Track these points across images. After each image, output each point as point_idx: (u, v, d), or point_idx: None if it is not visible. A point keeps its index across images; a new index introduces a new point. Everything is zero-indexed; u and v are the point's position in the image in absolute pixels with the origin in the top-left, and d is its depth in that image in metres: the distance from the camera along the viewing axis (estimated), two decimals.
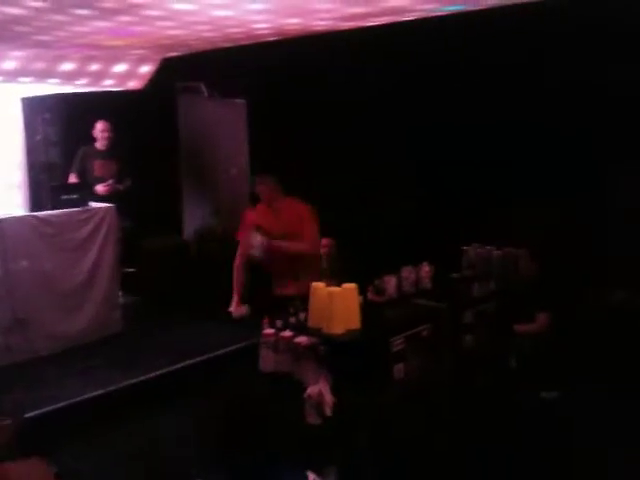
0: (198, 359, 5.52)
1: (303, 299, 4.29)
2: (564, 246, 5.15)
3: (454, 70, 5.62)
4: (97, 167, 6.74)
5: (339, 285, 3.95)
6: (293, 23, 4.94)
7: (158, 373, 5.33)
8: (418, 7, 4.54)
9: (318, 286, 3.96)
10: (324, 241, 5.89)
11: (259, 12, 4.44)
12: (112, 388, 5.03)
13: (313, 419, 3.69)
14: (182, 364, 5.45)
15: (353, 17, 4.79)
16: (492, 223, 5.37)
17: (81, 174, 6.72)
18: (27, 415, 4.48)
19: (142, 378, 5.23)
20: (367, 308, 4.06)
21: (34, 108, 7.16)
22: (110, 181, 6.65)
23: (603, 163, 5.08)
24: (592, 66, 4.95)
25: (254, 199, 5.07)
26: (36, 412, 4.60)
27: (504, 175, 5.47)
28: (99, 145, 6.78)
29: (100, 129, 6.74)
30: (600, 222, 5.11)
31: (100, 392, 4.96)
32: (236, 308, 4.91)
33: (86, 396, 4.90)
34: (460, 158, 5.69)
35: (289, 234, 4.74)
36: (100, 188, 6.61)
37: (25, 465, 2.66)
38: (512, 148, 5.43)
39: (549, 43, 5.12)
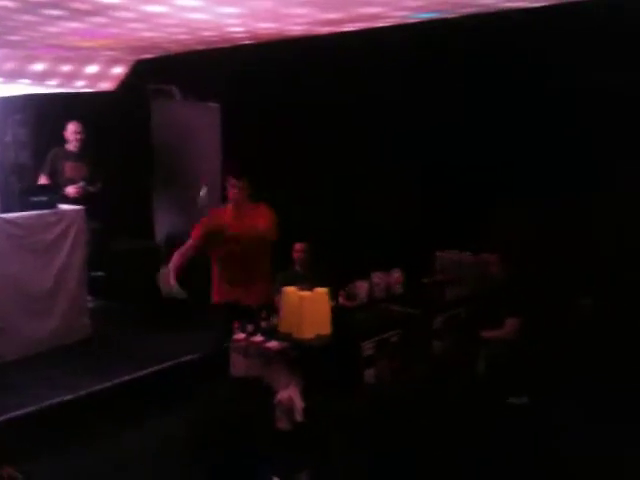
0: (167, 364, 5.47)
1: (259, 307, 4.30)
2: (533, 251, 5.20)
3: (430, 74, 5.66)
4: (68, 169, 6.66)
5: (311, 290, 3.95)
6: (268, 27, 4.94)
7: (127, 379, 5.26)
8: (392, 14, 4.56)
9: (289, 290, 3.95)
10: (297, 246, 5.89)
11: (234, 16, 4.42)
12: (80, 394, 4.95)
13: (284, 424, 3.68)
14: (151, 369, 5.39)
15: (328, 22, 4.80)
16: (465, 228, 5.41)
17: (52, 175, 6.63)
18: None
19: (111, 384, 5.16)
20: (338, 313, 4.07)
21: (4, 109, 7.06)
22: (81, 183, 6.57)
23: (574, 168, 5.15)
24: (569, 71, 5.02)
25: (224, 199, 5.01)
26: (1, 418, 4.52)
27: (475, 180, 5.52)
28: (70, 147, 6.70)
29: (72, 130, 6.66)
30: (569, 228, 5.17)
31: (67, 398, 4.88)
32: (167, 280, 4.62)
33: (53, 402, 4.81)
34: (432, 164, 5.73)
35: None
36: (70, 190, 6.53)
37: None
38: (483, 154, 5.48)
39: (526, 49, 5.19)
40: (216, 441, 4.13)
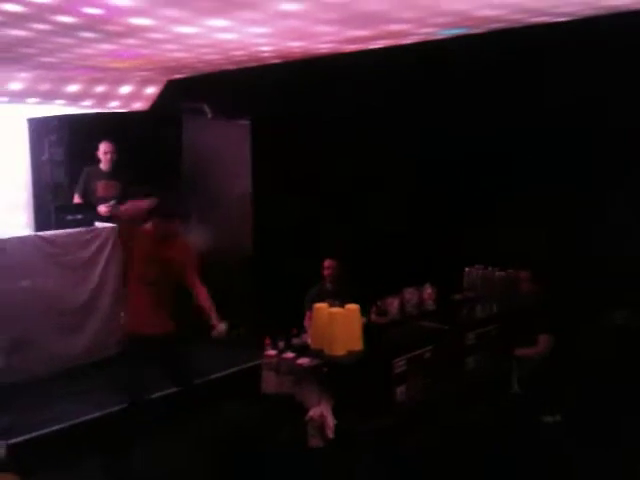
0: (198, 381, 5.48)
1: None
2: (565, 267, 5.13)
3: (457, 89, 5.65)
4: (100, 188, 6.76)
5: (342, 306, 3.94)
6: (295, 46, 4.98)
7: (158, 395, 5.29)
8: (418, 30, 4.57)
9: (320, 307, 3.95)
10: (327, 262, 5.88)
11: (262, 35, 4.47)
12: (110, 410, 4.98)
13: (316, 441, 3.66)
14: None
15: (354, 40, 4.82)
16: (494, 245, 5.36)
17: (85, 194, 6.74)
18: (24, 437, 4.46)
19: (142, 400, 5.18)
20: (370, 329, 4.05)
21: (40, 129, 7.21)
22: (112, 202, 6.66)
23: (605, 185, 5.08)
24: (592, 83, 4.97)
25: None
26: (33, 434, 4.57)
27: (506, 197, 5.47)
28: (103, 166, 6.80)
29: (103, 150, 6.77)
30: (600, 243, 5.09)
31: (97, 414, 4.92)
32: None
33: (83, 418, 4.86)
34: (463, 180, 5.70)
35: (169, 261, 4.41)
36: (102, 209, 6.63)
37: None
38: (514, 170, 5.43)
39: (549, 64, 5.15)
40: (246, 457, 4.14)
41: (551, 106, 5.22)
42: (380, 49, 5.16)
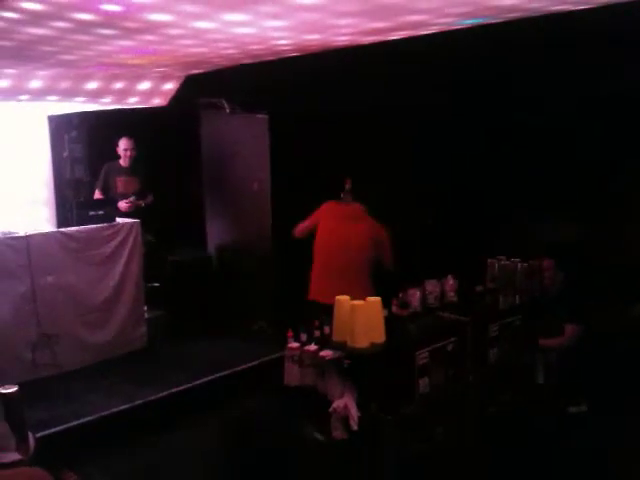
0: (222, 373, 5.53)
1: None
2: (590, 256, 5.09)
3: (480, 80, 5.61)
4: (120, 184, 6.83)
5: (364, 298, 3.94)
6: (314, 39, 4.96)
7: (183, 388, 5.35)
8: (438, 21, 4.53)
9: (342, 299, 3.95)
10: None
11: (280, 29, 4.46)
12: (137, 403, 5.05)
13: (339, 433, 3.68)
14: (206, 379, 5.47)
15: (373, 32, 4.79)
16: (516, 235, 5.33)
17: (105, 190, 6.81)
18: (52, 430, 4.53)
19: (167, 393, 5.25)
20: (391, 321, 4.05)
21: (60, 126, 7.28)
22: (131, 197, 6.72)
23: (627, 176, 5.03)
24: (615, 78, 4.91)
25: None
26: (61, 427, 4.64)
27: (529, 186, 5.44)
28: (122, 162, 6.86)
29: (123, 147, 6.83)
30: (624, 232, 5.05)
31: (125, 407, 4.99)
32: None
33: (111, 411, 4.92)
34: (484, 170, 5.67)
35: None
36: (122, 205, 6.69)
37: (23, 473, 2.67)
38: (537, 159, 5.40)
39: (574, 54, 5.09)
40: (269, 450, 4.17)
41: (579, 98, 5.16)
42: (399, 40, 5.13)
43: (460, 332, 4.10)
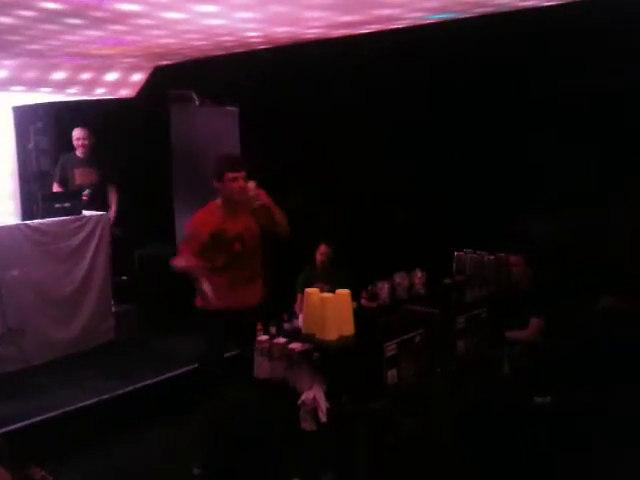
0: (190, 367, 5.51)
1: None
2: (557, 251, 5.18)
3: (446, 74, 5.65)
4: (77, 175, 6.72)
5: (333, 290, 3.96)
6: (284, 31, 4.96)
7: (150, 382, 5.32)
8: (408, 15, 4.57)
9: (311, 292, 3.97)
10: (322, 248, 5.92)
11: (251, 21, 4.45)
12: (104, 397, 5.01)
13: (308, 425, 3.70)
14: (174, 372, 5.45)
15: (343, 25, 4.81)
16: (485, 228, 5.39)
17: (63, 182, 6.70)
18: (18, 425, 4.48)
19: (134, 387, 5.22)
20: (360, 314, 4.07)
21: (26, 117, 7.16)
22: (86, 191, 6.60)
23: (596, 167, 5.12)
24: (583, 71, 4.99)
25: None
26: (27, 422, 4.59)
27: (497, 180, 5.51)
28: (78, 153, 6.76)
29: (77, 136, 6.72)
30: (592, 228, 5.14)
31: (92, 401, 4.95)
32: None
33: (78, 406, 4.88)
34: (453, 163, 5.72)
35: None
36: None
37: None
38: (506, 153, 5.46)
39: (543, 49, 5.16)
40: (239, 441, 4.18)
41: (548, 94, 5.23)
42: (369, 34, 5.15)
43: (428, 324, 4.14)
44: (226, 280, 4.19)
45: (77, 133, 6.71)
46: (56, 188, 6.69)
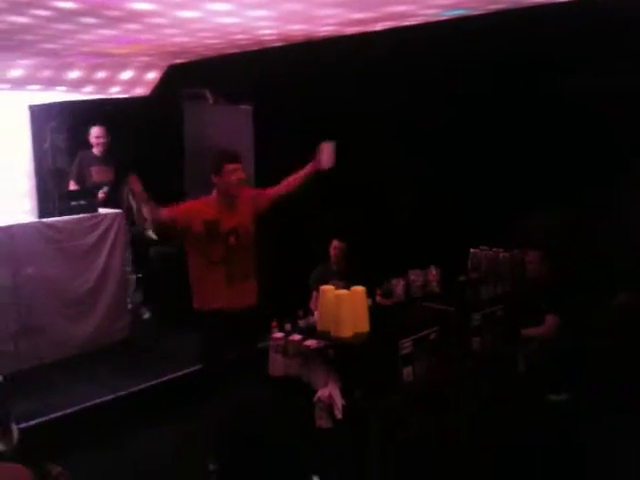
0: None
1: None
2: (573, 248, 5.15)
3: (461, 71, 5.63)
4: (94, 173, 6.76)
5: (348, 287, 3.96)
6: (298, 29, 4.95)
7: (166, 379, 5.34)
8: (420, 12, 4.54)
9: (326, 289, 3.97)
10: (335, 242, 5.88)
11: (265, 19, 4.45)
12: (120, 394, 5.03)
13: (324, 422, 3.70)
14: (188, 370, 5.45)
15: (357, 22, 4.80)
16: (500, 225, 5.37)
17: (80, 180, 6.74)
18: (35, 422, 4.51)
19: (149, 384, 5.24)
20: (375, 311, 4.08)
21: (41, 116, 7.20)
22: (104, 188, 6.63)
23: (612, 169, 5.08)
24: (598, 71, 4.96)
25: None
26: (43, 419, 4.62)
27: (513, 178, 5.48)
28: (95, 151, 6.79)
29: (94, 134, 6.75)
30: (607, 225, 5.11)
31: (108, 398, 4.97)
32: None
33: (94, 403, 4.90)
34: (467, 161, 5.70)
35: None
36: (98, 194, 6.62)
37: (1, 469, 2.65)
38: (521, 151, 5.43)
39: (553, 46, 5.12)
40: (255, 439, 4.18)
41: (558, 90, 5.20)
42: (384, 31, 5.13)
43: (443, 322, 4.13)
44: (223, 275, 4.12)
45: (95, 131, 6.75)
46: (72, 186, 6.73)
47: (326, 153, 4.29)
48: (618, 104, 4.95)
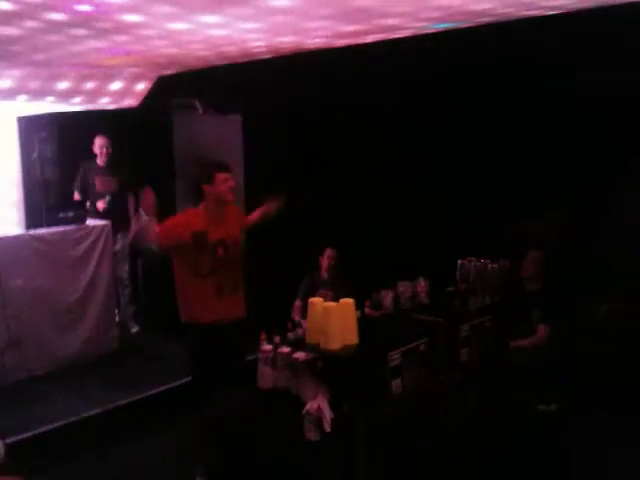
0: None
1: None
2: (564, 258, 5.18)
3: (449, 83, 5.67)
4: (98, 183, 6.75)
5: (337, 297, 3.96)
6: (288, 41, 4.98)
7: (155, 391, 5.31)
8: (410, 25, 4.58)
9: (315, 301, 3.97)
10: (329, 251, 5.88)
11: (254, 31, 4.47)
12: (109, 407, 5.00)
13: (313, 435, 3.69)
14: (178, 382, 5.43)
15: (347, 35, 4.83)
16: (488, 236, 5.40)
17: (83, 190, 6.73)
18: (23, 435, 4.47)
19: (138, 397, 5.21)
20: (364, 323, 4.08)
21: (30, 126, 7.17)
22: (107, 197, 6.64)
23: (612, 169, 5.12)
24: (589, 74, 5.00)
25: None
26: (31, 432, 4.58)
27: (501, 189, 5.51)
28: (99, 161, 6.79)
29: (99, 144, 6.75)
30: (607, 226, 5.15)
31: (96, 411, 4.94)
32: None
33: (82, 416, 4.87)
34: (455, 173, 5.73)
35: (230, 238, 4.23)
36: (100, 205, 6.62)
37: None
38: (508, 163, 5.46)
39: (541, 56, 5.17)
40: (243, 451, 4.16)
41: (550, 95, 5.24)
42: (372, 43, 5.17)
43: (432, 333, 4.14)
44: (213, 287, 4.10)
45: (99, 141, 6.74)
46: (77, 197, 6.73)
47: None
48: (618, 104, 4.98)
